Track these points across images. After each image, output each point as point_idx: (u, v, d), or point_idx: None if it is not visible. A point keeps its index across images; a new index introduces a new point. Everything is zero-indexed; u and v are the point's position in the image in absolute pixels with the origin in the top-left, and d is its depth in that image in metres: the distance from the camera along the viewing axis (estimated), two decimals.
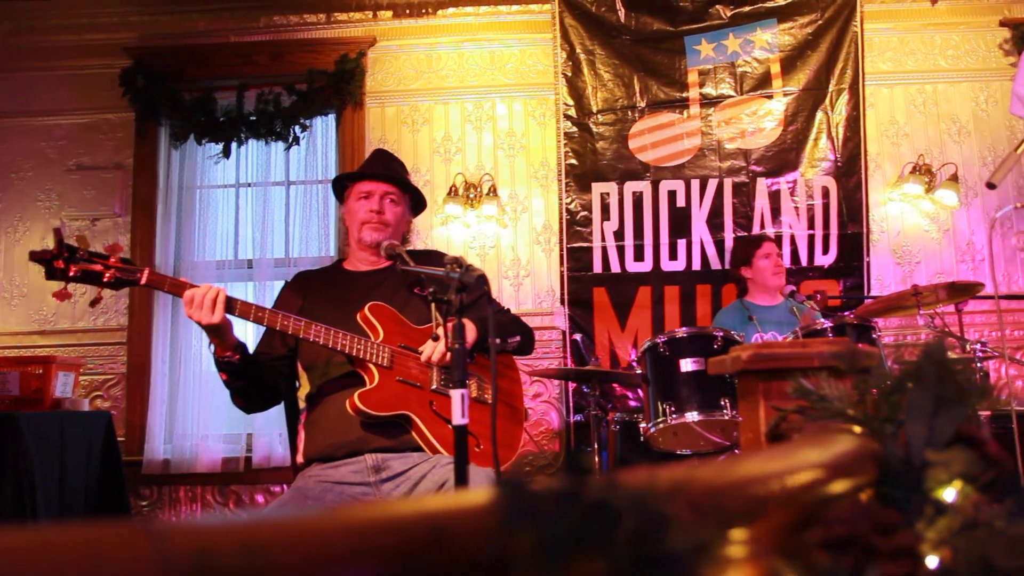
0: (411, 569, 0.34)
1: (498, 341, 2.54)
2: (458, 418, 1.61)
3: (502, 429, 2.55)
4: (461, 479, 1.69)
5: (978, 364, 3.47)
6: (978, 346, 3.45)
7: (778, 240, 4.52)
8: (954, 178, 4.70)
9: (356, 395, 2.33)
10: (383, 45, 4.97)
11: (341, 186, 2.80)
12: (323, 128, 5.01)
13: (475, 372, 2.54)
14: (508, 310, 2.81)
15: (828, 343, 1.21)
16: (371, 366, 2.38)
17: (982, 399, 0.89)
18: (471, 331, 2.44)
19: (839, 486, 0.66)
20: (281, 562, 0.30)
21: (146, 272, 2.22)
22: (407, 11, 4.96)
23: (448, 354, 2.31)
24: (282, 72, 4.93)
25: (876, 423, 0.90)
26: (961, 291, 3.67)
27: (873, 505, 0.68)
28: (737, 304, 4.12)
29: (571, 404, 4.59)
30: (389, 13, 4.97)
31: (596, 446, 3.56)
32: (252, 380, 2.44)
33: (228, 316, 2.28)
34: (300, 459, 2.52)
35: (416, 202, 2.81)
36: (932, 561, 0.71)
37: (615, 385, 4.49)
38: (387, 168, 2.75)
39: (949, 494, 0.78)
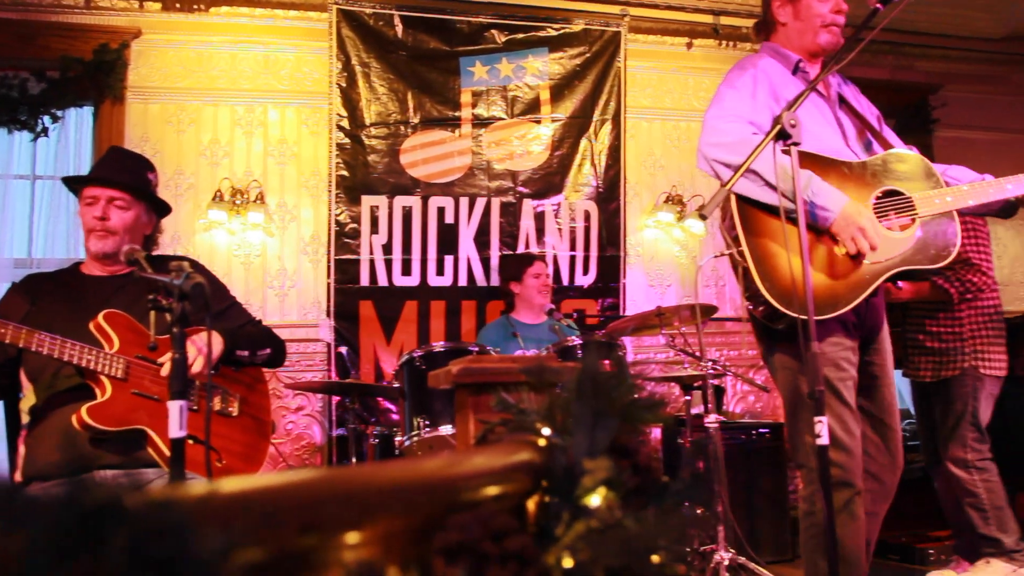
0: None
1: (247, 353, 2.49)
2: (175, 430, 1.55)
3: (246, 442, 2.49)
4: None
5: (712, 380, 3.78)
6: (710, 363, 3.76)
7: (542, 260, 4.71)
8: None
9: (84, 409, 2.19)
10: (149, 38, 4.70)
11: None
12: (77, 121, 4.68)
13: (221, 385, 2.46)
14: (260, 322, 2.74)
15: (530, 359, 1.29)
16: (103, 378, 2.25)
17: (650, 413, 0.98)
18: (217, 343, 2.36)
19: (475, 495, 0.70)
20: None
21: None
22: (177, 5, 4.73)
23: (201, 366, 2.23)
24: (32, 56, 4.54)
25: (557, 435, 0.97)
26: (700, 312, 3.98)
27: (492, 512, 0.73)
28: (503, 320, 4.25)
29: (334, 418, 4.53)
30: (158, 5, 4.72)
31: (355, 460, 3.56)
32: None
33: None
34: (18, 478, 2.33)
35: (161, 203, 2.65)
36: (568, 563, 0.78)
37: (379, 399, 4.48)
38: (119, 170, 2.54)
39: (595, 500, 0.86)
